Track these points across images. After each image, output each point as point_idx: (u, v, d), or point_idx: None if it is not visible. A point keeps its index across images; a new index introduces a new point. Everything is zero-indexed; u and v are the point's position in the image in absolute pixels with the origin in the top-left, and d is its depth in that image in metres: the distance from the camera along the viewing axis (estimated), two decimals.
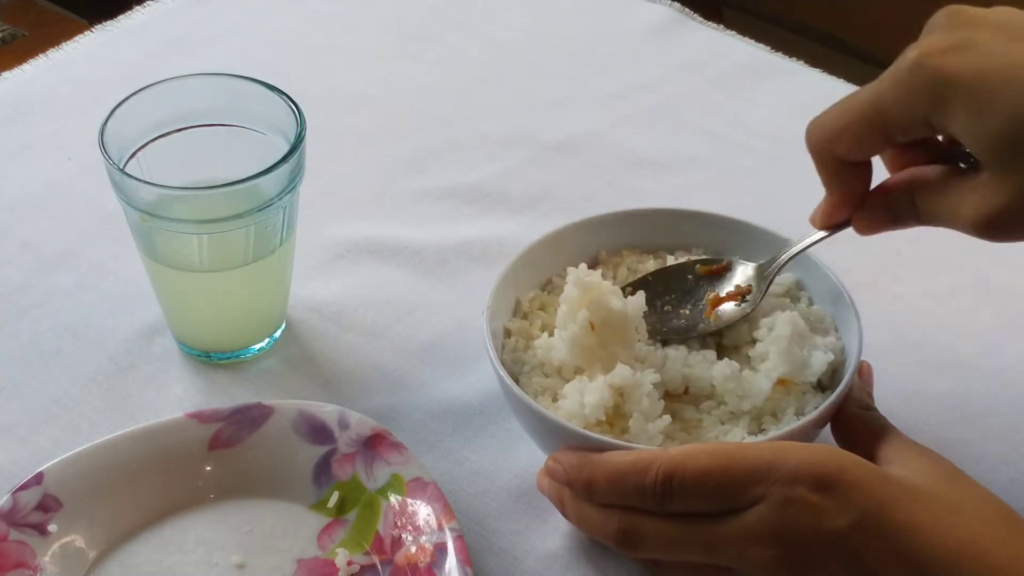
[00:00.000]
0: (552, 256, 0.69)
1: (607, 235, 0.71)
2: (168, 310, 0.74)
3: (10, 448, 0.69)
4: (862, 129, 0.58)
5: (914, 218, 0.61)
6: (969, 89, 0.53)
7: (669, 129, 0.92)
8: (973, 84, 0.52)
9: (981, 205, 0.55)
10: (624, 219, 0.71)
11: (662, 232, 0.71)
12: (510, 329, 0.67)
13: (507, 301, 0.68)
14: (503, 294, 0.67)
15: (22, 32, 1.86)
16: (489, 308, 0.65)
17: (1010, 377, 0.73)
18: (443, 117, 0.93)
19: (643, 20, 1.02)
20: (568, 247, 0.70)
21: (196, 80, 0.71)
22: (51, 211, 0.84)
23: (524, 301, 0.69)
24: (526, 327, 0.68)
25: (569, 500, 0.60)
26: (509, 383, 0.62)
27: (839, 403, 0.61)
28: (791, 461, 0.54)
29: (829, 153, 0.60)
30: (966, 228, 0.56)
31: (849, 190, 0.62)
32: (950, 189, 0.57)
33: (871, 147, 0.59)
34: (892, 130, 0.57)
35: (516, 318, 0.68)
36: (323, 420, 0.67)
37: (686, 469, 0.55)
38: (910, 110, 0.55)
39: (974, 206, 0.55)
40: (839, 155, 0.60)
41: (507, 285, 0.67)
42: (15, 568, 0.61)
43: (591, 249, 0.71)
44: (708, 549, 0.55)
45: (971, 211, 0.55)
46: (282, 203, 0.68)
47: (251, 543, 0.64)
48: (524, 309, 0.68)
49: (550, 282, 0.70)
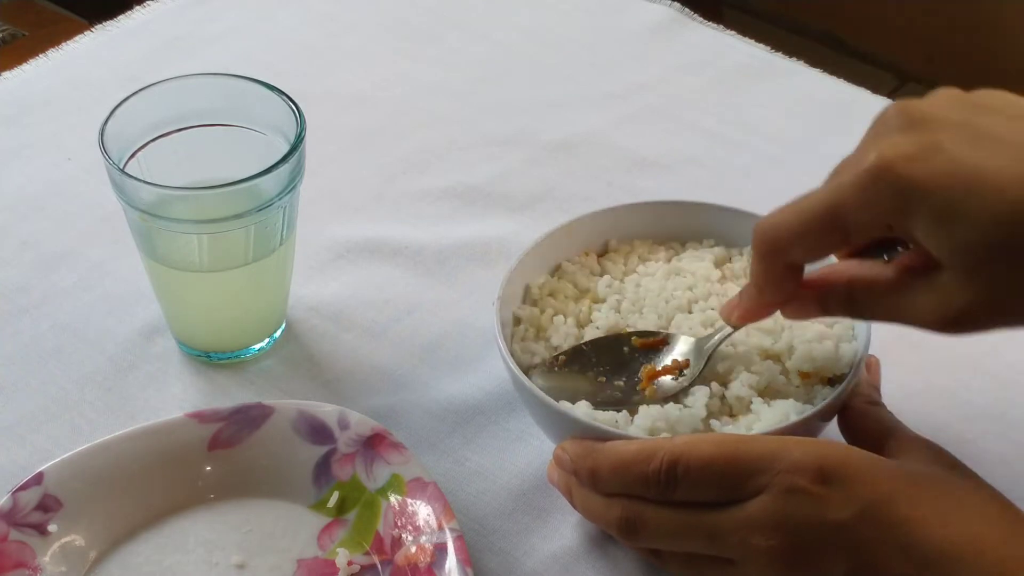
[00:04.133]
0: (563, 247, 0.70)
1: (618, 226, 0.71)
2: (168, 310, 0.74)
3: (10, 448, 0.69)
4: (821, 235, 0.56)
5: (847, 315, 0.60)
6: (933, 196, 0.51)
7: (669, 129, 0.92)
8: (940, 193, 0.51)
9: (943, 306, 0.53)
10: (636, 210, 0.71)
11: (674, 224, 0.71)
12: (520, 316, 0.68)
13: (517, 289, 0.68)
14: (514, 284, 0.67)
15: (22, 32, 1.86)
16: (500, 298, 0.66)
17: (1010, 377, 0.73)
18: (443, 117, 0.93)
19: (643, 20, 1.02)
20: (580, 237, 0.70)
21: (196, 80, 0.71)
22: (51, 211, 0.84)
23: (534, 287, 0.69)
24: (536, 314, 0.68)
25: (576, 489, 0.60)
26: (517, 372, 0.62)
27: (846, 397, 0.61)
28: (795, 452, 0.54)
29: (781, 258, 0.58)
30: (923, 325, 0.55)
31: (783, 294, 0.60)
32: (902, 290, 0.55)
33: (827, 251, 0.58)
34: (851, 233, 0.55)
35: (526, 305, 0.68)
36: (323, 420, 0.67)
37: (690, 458, 0.55)
38: (872, 215, 0.53)
39: (935, 306, 0.54)
40: (791, 260, 0.58)
41: (518, 276, 0.68)
42: (15, 568, 0.61)
43: (602, 239, 0.71)
44: (710, 538, 0.56)
45: (931, 311, 0.54)
46: (282, 203, 0.68)
47: (251, 543, 0.64)
48: (534, 296, 0.69)
49: (560, 267, 0.70)
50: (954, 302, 0.53)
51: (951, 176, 0.51)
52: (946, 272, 0.53)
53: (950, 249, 0.52)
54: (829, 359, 0.63)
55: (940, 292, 0.53)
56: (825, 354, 0.63)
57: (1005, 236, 0.50)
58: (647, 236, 0.72)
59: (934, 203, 0.51)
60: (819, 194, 0.55)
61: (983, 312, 0.53)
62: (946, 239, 0.51)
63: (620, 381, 0.64)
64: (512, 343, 0.66)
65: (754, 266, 0.59)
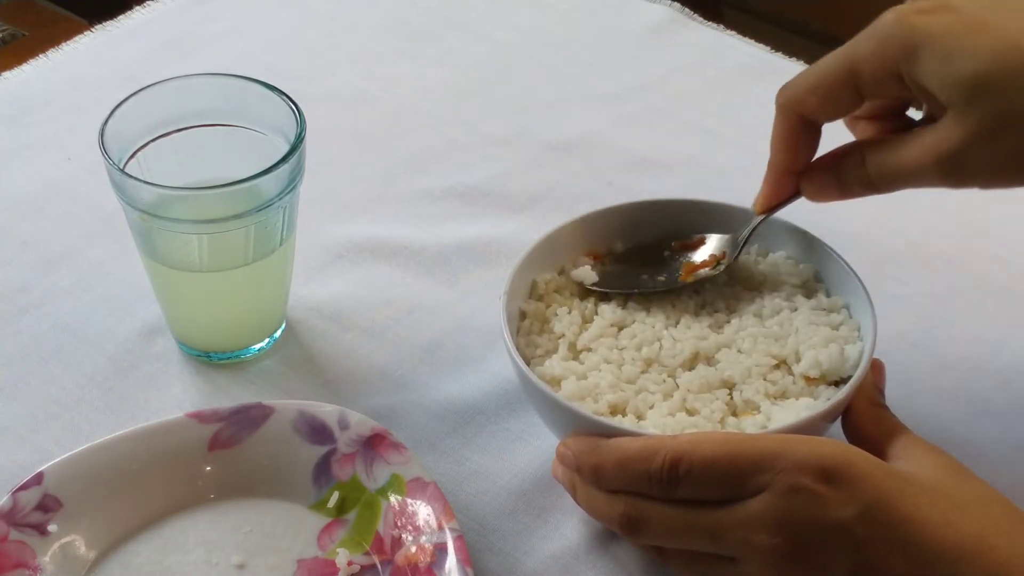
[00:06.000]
0: (569, 245, 0.70)
1: (623, 225, 0.71)
2: (168, 310, 0.74)
3: (10, 448, 0.69)
4: (835, 84, 0.60)
5: (863, 183, 0.62)
6: (940, 38, 0.56)
7: (669, 129, 0.92)
8: (944, 34, 0.56)
9: (941, 146, 0.57)
10: (642, 209, 0.71)
11: (681, 222, 0.71)
12: (525, 311, 0.68)
13: (523, 284, 0.68)
14: (520, 279, 0.68)
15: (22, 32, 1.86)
16: (506, 292, 0.66)
17: (1010, 377, 0.73)
18: (443, 117, 0.93)
19: (643, 20, 1.02)
20: (588, 234, 0.71)
21: (196, 80, 0.71)
22: (51, 211, 0.84)
23: (540, 283, 0.69)
24: (541, 309, 0.68)
25: (579, 485, 0.60)
26: (522, 366, 0.62)
27: (850, 398, 0.61)
28: (798, 451, 0.54)
29: (797, 111, 0.62)
30: (925, 172, 0.58)
31: (797, 157, 0.64)
32: (906, 140, 0.59)
33: (841, 104, 0.61)
34: (864, 85, 0.59)
35: (532, 300, 0.69)
36: (323, 420, 0.67)
37: (693, 456, 0.55)
38: (883, 62, 0.58)
39: (934, 148, 0.57)
40: (807, 112, 0.62)
41: (524, 271, 0.68)
42: (15, 568, 0.61)
43: (608, 238, 0.71)
44: (712, 536, 0.56)
45: (931, 154, 0.57)
46: (282, 203, 0.68)
47: (251, 543, 0.64)
48: (540, 291, 0.69)
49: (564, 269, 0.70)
50: (952, 138, 0.56)
51: (958, 24, 0.56)
52: (947, 113, 0.56)
53: (950, 84, 0.56)
54: (835, 364, 0.63)
55: (940, 132, 0.57)
56: (831, 359, 0.63)
57: (998, 67, 0.55)
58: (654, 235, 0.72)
59: (939, 45, 0.56)
60: (838, 50, 0.60)
61: (978, 149, 0.56)
62: (947, 75, 0.56)
63: (662, 277, 0.68)
64: (517, 336, 0.66)
65: (774, 126, 0.64)
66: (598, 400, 0.63)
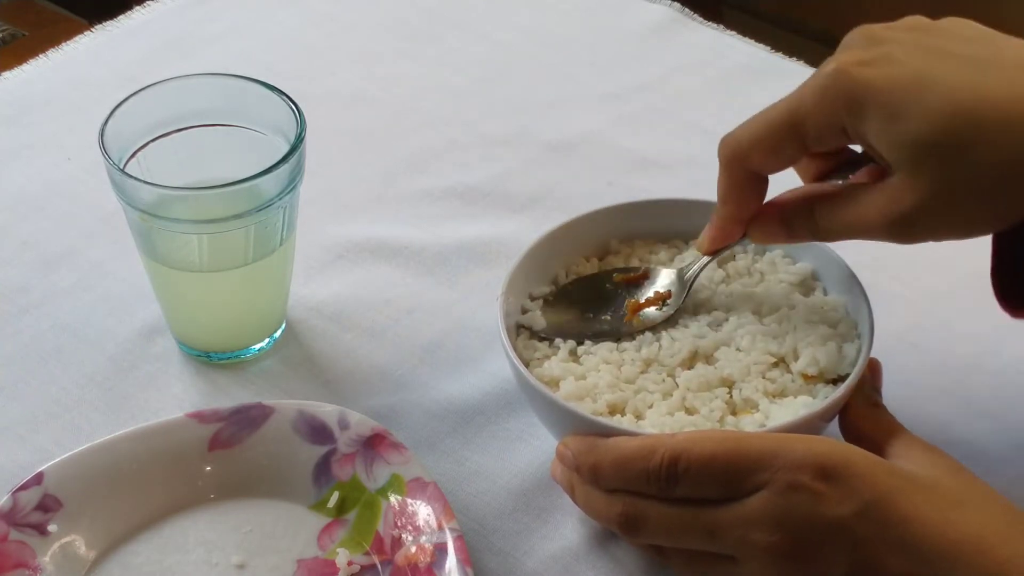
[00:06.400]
0: (564, 246, 0.70)
1: (619, 225, 0.71)
2: (168, 310, 0.74)
3: (10, 448, 0.69)
4: (779, 138, 0.60)
5: (809, 232, 0.62)
6: (884, 96, 0.55)
7: (669, 129, 0.92)
8: (888, 91, 0.55)
9: (892, 206, 0.56)
10: (637, 209, 0.71)
11: (676, 222, 0.71)
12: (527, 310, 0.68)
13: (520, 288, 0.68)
14: (517, 281, 0.68)
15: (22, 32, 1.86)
16: (503, 293, 0.66)
17: (1010, 377, 0.73)
18: (443, 117, 0.93)
19: (643, 20, 1.02)
20: (583, 235, 0.71)
21: (196, 80, 0.71)
22: (51, 211, 0.84)
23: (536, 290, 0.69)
24: None
25: (578, 485, 0.60)
26: (520, 367, 0.62)
27: (847, 397, 0.61)
28: (797, 450, 0.54)
29: (742, 164, 0.62)
30: (874, 230, 0.58)
31: (746, 207, 0.63)
32: (856, 196, 0.59)
33: (787, 157, 0.61)
34: (809, 138, 0.59)
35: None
36: (323, 420, 0.67)
37: (691, 454, 0.55)
38: (828, 117, 0.57)
39: (884, 207, 0.57)
40: (752, 166, 0.61)
41: (520, 273, 0.68)
42: (15, 568, 0.61)
43: (603, 239, 0.71)
44: (710, 534, 0.56)
45: (881, 213, 0.57)
46: (282, 203, 0.68)
47: (251, 543, 0.64)
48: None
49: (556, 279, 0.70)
50: (902, 200, 0.56)
51: (901, 79, 0.55)
52: (895, 175, 0.56)
53: (898, 146, 0.55)
54: (832, 361, 0.63)
55: (889, 193, 0.56)
56: (829, 356, 0.63)
57: (948, 132, 0.54)
58: (649, 235, 0.72)
59: (884, 102, 0.55)
60: (780, 102, 0.59)
61: (928, 212, 0.56)
62: (894, 136, 0.55)
63: (606, 316, 0.67)
64: (515, 340, 0.66)
65: (719, 178, 0.63)
66: (596, 400, 0.63)
